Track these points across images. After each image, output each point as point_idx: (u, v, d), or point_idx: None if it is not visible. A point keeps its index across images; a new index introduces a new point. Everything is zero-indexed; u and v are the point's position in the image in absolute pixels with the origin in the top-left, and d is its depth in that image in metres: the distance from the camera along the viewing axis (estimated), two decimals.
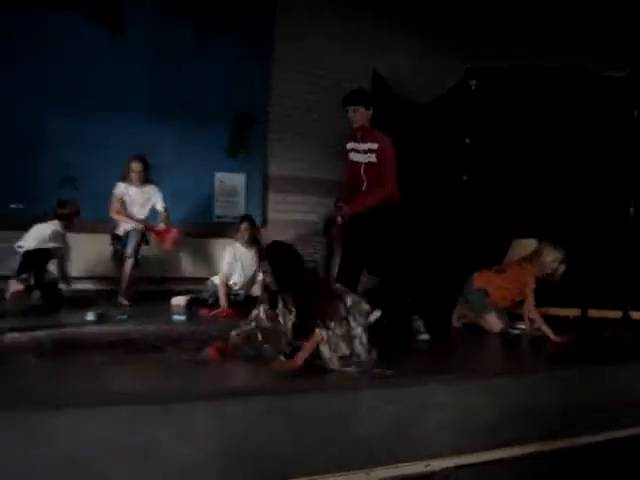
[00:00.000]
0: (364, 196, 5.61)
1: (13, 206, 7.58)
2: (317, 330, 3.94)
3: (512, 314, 6.16)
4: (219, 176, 8.77)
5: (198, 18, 8.51)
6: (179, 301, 6.62)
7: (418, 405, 3.80)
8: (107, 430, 3.00)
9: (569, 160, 7.43)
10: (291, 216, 9.06)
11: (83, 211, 6.98)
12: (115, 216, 7.04)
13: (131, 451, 3.03)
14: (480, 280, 6.13)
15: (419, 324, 5.44)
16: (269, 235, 7.94)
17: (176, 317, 6.02)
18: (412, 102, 9.06)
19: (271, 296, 4.25)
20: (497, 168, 7.63)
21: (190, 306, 6.50)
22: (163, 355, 4.29)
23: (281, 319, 4.19)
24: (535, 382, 4.30)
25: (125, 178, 7.17)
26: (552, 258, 5.90)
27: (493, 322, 5.95)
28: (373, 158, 5.58)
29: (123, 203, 7.13)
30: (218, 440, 3.21)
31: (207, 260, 8.00)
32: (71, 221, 6.76)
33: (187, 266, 7.68)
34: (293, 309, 4.14)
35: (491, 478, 3.94)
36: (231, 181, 8.82)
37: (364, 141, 5.65)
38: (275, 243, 4.38)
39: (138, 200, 7.20)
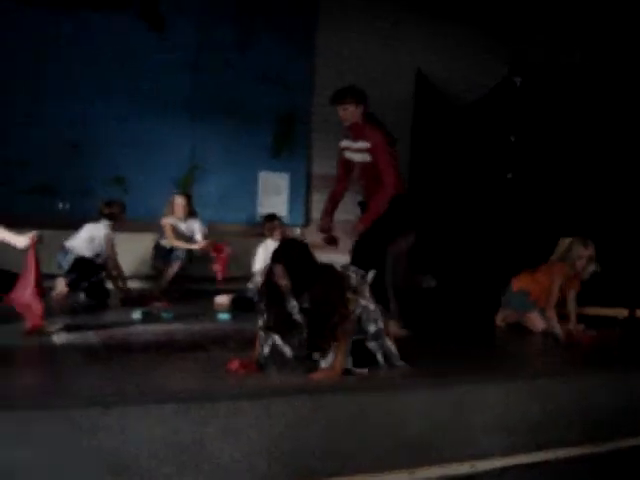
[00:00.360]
0: (370, 206, 5.41)
1: (60, 206, 7.72)
2: (340, 329, 3.80)
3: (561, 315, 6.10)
4: (263, 175, 8.80)
5: (240, 17, 8.55)
6: (223, 300, 6.66)
7: (463, 406, 3.78)
8: (154, 428, 3.04)
9: (617, 157, 7.31)
10: (335, 215, 9.05)
11: (131, 211, 7.09)
12: (175, 243, 7.31)
13: (177, 449, 3.07)
14: (518, 282, 6.08)
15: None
16: (312, 234, 7.94)
17: (221, 315, 6.05)
18: (456, 100, 9.01)
19: (271, 294, 4.00)
20: (542, 166, 7.54)
21: (234, 304, 6.53)
22: (209, 354, 4.33)
23: (297, 318, 3.99)
24: (582, 383, 4.25)
25: (169, 213, 7.43)
26: (578, 255, 5.78)
27: (536, 321, 5.89)
28: (367, 157, 5.36)
29: (175, 230, 7.39)
30: (263, 438, 3.23)
31: (250, 259, 8.03)
32: (118, 220, 6.86)
33: (231, 265, 7.71)
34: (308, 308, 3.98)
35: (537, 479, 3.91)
36: (275, 180, 8.84)
37: (356, 139, 5.43)
38: (286, 242, 4.33)
39: (188, 229, 7.49)
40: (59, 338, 4.59)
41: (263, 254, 6.89)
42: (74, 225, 6.99)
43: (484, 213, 7.94)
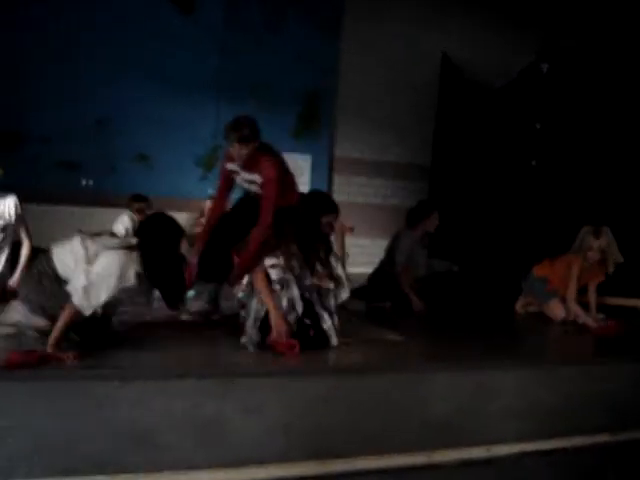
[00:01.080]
0: (248, 245, 4.65)
1: (84, 183, 7.78)
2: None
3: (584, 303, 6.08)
4: (285, 157, 8.77)
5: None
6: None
7: (482, 390, 3.78)
8: (173, 403, 3.07)
9: None
10: (356, 198, 9.06)
11: (154, 188, 7.15)
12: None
13: (196, 423, 3.10)
14: (539, 270, 6.03)
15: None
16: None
17: (240, 294, 6.06)
18: (481, 85, 8.95)
19: None
20: (567, 153, 7.47)
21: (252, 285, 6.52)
22: (229, 331, 4.33)
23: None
24: (600, 372, 4.23)
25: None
26: (588, 246, 5.66)
27: (557, 309, 5.85)
28: (257, 189, 4.80)
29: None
30: (282, 415, 3.25)
31: None
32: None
33: None
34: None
35: (553, 466, 3.89)
36: (297, 162, 8.83)
37: (246, 170, 4.79)
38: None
39: None
40: None
41: None
42: (98, 202, 7.05)
43: (507, 200, 7.89)
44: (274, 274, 3.86)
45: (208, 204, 7.56)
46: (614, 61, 7.50)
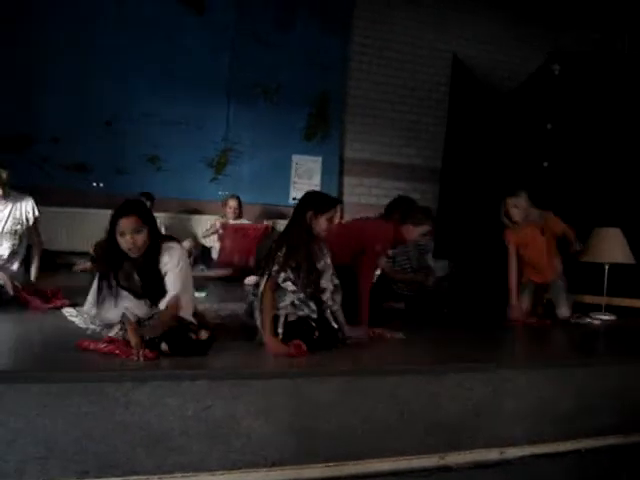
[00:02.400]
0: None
1: (94, 184, 7.79)
2: None
3: (594, 304, 6.05)
4: (295, 159, 8.82)
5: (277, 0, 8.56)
6: (251, 280, 6.66)
7: (494, 391, 3.76)
8: (186, 404, 3.07)
9: None
10: (367, 199, 9.05)
11: (163, 190, 7.16)
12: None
13: (208, 425, 3.10)
14: None
15: None
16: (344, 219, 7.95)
17: (251, 297, 6.05)
18: (493, 86, 8.94)
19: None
20: (579, 154, 7.44)
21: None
22: (240, 332, 4.32)
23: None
24: (616, 373, 4.20)
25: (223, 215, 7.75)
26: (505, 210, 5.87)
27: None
28: None
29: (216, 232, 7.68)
30: (294, 417, 3.25)
31: None
32: None
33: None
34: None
35: (566, 469, 3.88)
36: (307, 164, 8.85)
37: None
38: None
39: None
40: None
41: None
42: (108, 203, 7.04)
43: None
44: (288, 286, 3.86)
45: (232, 203, 7.64)
46: (626, 62, 7.48)
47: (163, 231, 5.75)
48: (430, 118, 9.33)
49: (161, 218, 7.14)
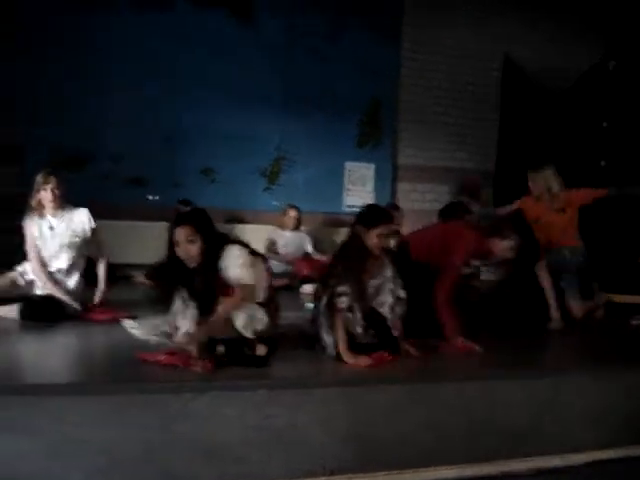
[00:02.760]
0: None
1: (150, 198, 7.91)
2: None
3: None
4: (348, 166, 8.82)
5: (327, 9, 8.57)
6: (307, 289, 6.67)
7: (557, 396, 3.71)
8: (247, 413, 3.08)
9: None
10: (421, 205, 8.99)
11: (217, 201, 7.23)
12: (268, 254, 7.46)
13: (268, 435, 3.11)
14: None
15: None
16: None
17: (308, 305, 6.06)
18: (546, 86, 8.81)
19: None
20: (637, 152, 7.29)
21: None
22: (299, 342, 4.32)
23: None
24: None
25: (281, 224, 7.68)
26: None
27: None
28: None
29: (274, 244, 7.57)
30: (353, 425, 3.24)
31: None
32: None
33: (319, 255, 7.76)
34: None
35: (631, 474, 3.79)
36: (360, 171, 8.84)
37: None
38: None
39: (293, 243, 7.62)
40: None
41: None
42: (163, 216, 7.15)
43: None
44: (342, 302, 3.79)
45: (292, 213, 7.64)
46: None
47: None
48: (482, 121, 9.24)
49: None
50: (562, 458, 3.64)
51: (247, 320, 3.48)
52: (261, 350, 3.51)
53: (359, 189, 8.81)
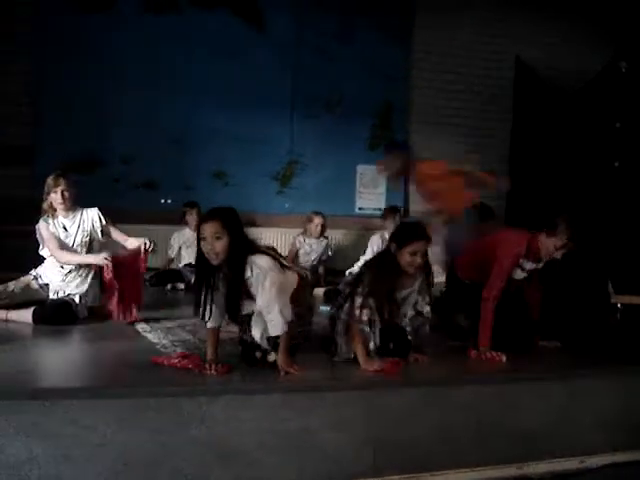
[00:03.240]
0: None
1: (162, 201, 7.93)
2: None
3: None
4: (360, 169, 8.81)
5: (338, 11, 8.57)
6: (320, 292, 6.65)
7: (572, 399, 3.68)
8: (261, 417, 3.08)
9: None
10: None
11: (232, 203, 7.19)
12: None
13: (283, 438, 3.10)
14: None
15: None
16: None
17: (322, 307, 6.04)
18: (557, 87, 8.78)
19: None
20: None
21: (325, 297, 6.43)
22: (314, 345, 4.30)
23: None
24: None
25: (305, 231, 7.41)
26: None
27: None
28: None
29: (296, 253, 7.35)
30: (369, 429, 3.24)
31: (350, 252, 8.04)
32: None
33: (337, 257, 7.74)
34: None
35: None
36: (372, 173, 8.82)
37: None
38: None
39: (316, 250, 7.41)
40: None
41: (376, 247, 6.78)
42: (176, 219, 7.19)
43: (591, 204, 7.67)
44: (364, 314, 3.74)
45: (317, 220, 7.42)
46: None
47: None
48: (494, 122, 9.21)
49: None
50: (576, 461, 3.61)
51: (263, 332, 3.47)
52: (272, 357, 3.50)
53: (371, 191, 8.80)
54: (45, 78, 7.51)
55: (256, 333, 3.46)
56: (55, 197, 4.85)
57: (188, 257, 6.98)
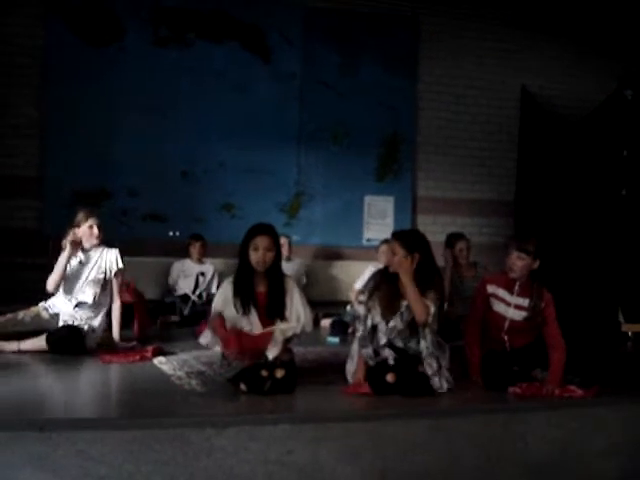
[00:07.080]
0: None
1: (171, 234, 7.95)
2: None
3: None
4: (368, 199, 8.82)
5: (343, 44, 8.65)
6: (326, 323, 6.63)
7: (583, 428, 3.65)
8: (269, 448, 3.05)
9: None
10: (441, 238, 8.93)
11: (239, 236, 7.22)
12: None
13: (291, 469, 3.07)
14: None
15: None
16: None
17: (330, 339, 6.03)
18: (563, 117, 8.82)
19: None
20: None
21: (331, 328, 6.39)
22: (321, 376, 4.28)
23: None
24: None
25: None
26: None
27: None
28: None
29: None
30: (378, 459, 3.21)
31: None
32: None
33: (342, 288, 7.74)
34: None
35: None
36: (380, 204, 8.84)
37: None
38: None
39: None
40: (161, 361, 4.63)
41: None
42: (185, 251, 7.20)
43: (599, 232, 7.66)
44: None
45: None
46: None
47: None
48: (501, 152, 9.24)
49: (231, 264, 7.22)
50: None
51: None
52: (279, 373, 3.58)
53: (379, 222, 8.80)
54: (53, 110, 7.59)
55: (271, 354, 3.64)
56: (85, 231, 4.94)
57: (185, 287, 7.05)
